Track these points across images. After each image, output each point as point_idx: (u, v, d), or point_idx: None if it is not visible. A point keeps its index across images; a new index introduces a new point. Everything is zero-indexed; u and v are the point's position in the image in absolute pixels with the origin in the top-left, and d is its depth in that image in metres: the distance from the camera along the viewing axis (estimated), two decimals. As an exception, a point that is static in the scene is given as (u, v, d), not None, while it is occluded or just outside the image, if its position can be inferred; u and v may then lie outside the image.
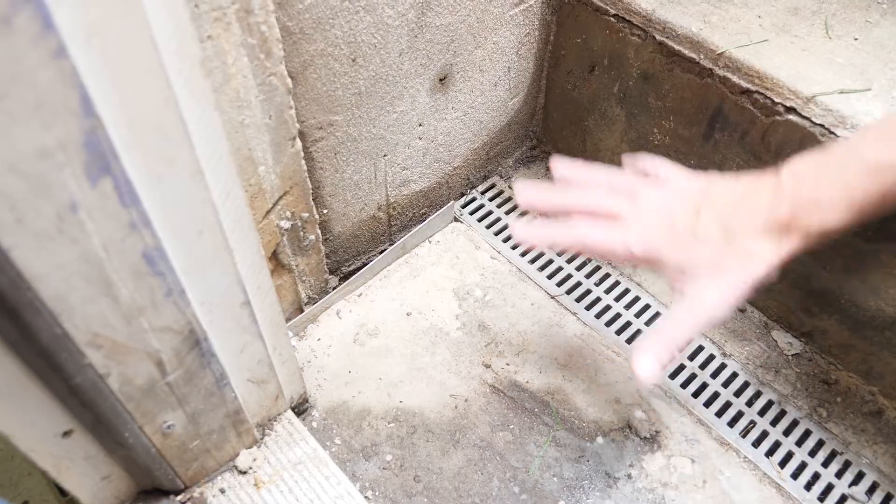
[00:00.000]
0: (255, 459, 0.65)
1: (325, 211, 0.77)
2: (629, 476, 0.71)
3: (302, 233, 0.72)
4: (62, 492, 0.70)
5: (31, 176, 0.34)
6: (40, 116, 0.33)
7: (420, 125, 0.81)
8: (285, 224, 0.69)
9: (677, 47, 0.76)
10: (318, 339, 0.80)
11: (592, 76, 0.89)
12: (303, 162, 0.67)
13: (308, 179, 0.69)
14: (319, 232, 0.75)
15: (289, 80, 0.59)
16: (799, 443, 0.75)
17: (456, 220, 0.94)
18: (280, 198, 0.66)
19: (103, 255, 0.40)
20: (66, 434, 0.50)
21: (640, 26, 0.80)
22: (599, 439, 0.74)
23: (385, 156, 0.80)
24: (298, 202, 0.69)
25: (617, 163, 0.93)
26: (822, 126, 0.67)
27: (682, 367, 0.80)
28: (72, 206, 0.37)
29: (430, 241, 0.91)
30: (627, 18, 0.81)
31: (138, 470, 0.57)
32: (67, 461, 0.52)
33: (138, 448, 0.53)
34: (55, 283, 0.39)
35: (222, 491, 0.63)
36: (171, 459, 0.58)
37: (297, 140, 0.64)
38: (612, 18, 0.82)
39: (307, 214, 0.71)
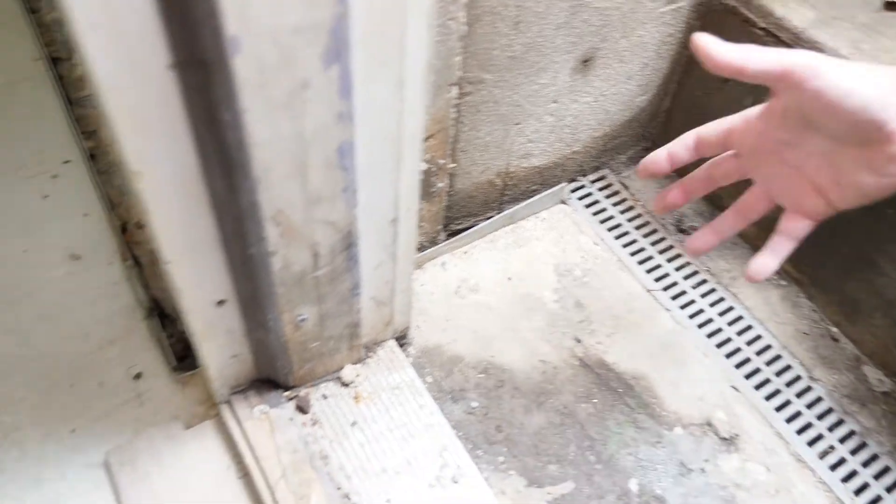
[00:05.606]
0: (357, 375, 0.69)
1: (453, 165, 0.81)
2: (703, 470, 0.73)
3: (433, 178, 0.76)
4: (177, 364, 0.75)
5: (283, 47, 0.39)
6: (308, -6, 0.37)
7: (554, 102, 0.85)
8: (423, 165, 0.73)
9: (825, 68, 0.77)
10: (423, 285, 0.84)
11: (726, 86, 0.90)
12: (452, 109, 0.70)
13: (451, 128, 0.73)
14: (448, 181, 0.79)
15: (464, 27, 0.63)
16: (877, 476, 0.75)
17: (563, 202, 0.97)
18: (426, 139, 0.70)
19: (310, 138, 0.44)
20: (221, 303, 0.54)
21: (788, 43, 0.81)
22: (678, 430, 0.75)
23: (517, 124, 0.83)
24: (439, 147, 0.73)
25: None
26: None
27: (767, 381, 0.81)
28: (303, 84, 0.41)
29: (537, 217, 0.94)
30: (776, 33, 0.82)
31: (263, 356, 0.62)
32: (213, 329, 0.56)
33: (273, 333, 0.58)
34: (268, 152, 0.43)
35: (324, 397, 0.67)
36: (292, 353, 0.62)
37: (455, 87, 0.68)
38: (759, 31, 0.84)
39: (443, 161, 0.75)
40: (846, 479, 0.74)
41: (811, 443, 0.77)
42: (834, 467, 0.75)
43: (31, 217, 0.90)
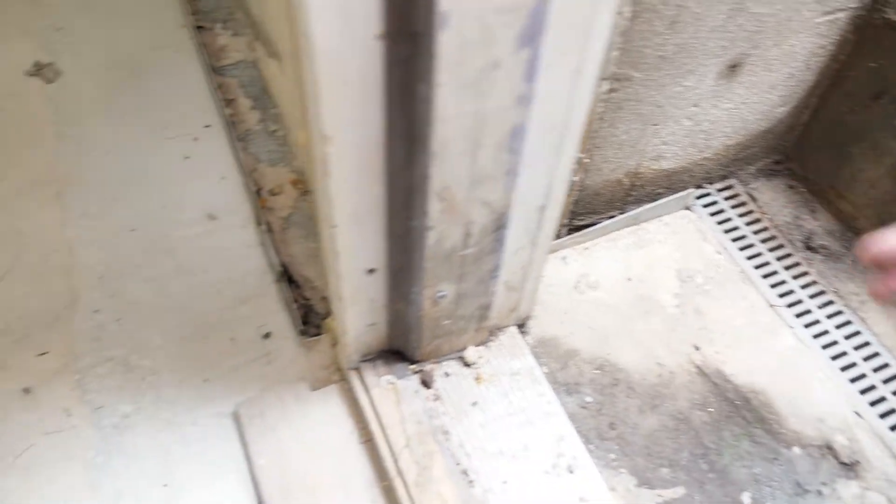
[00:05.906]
0: (480, 357, 0.70)
1: (587, 160, 0.81)
2: (820, 493, 0.71)
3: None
4: (303, 328, 0.78)
5: (485, 26, 0.40)
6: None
7: (695, 106, 0.83)
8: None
9: None
10: (543, 277, 0.84)
11: (876, 104, 0.87)
12: (600, 104, 0.70)
13: (595, 122, 0.73)
14: (581, 176, 0.79)
15: (626, 23, 0.63)
16: None
17: (687, 208, 0.95)
18: (569, 131, 0.71)
19: (488, 118, 0.45)
20: (371, 272, 0.57)
21: (954, 63, 0.77)
22: (796, 449, 0.73)
23: (655, 125, 0.82)
24: (580, 141, 0.73)
25: (873, 195, 0.90)
26: None
27: (893, 411, 0.78)
28: (494, 64, 0.42)
29: (660, 220, 0.93)
30: (941, 52, 0.78)
31: (397, 328, 0.64)
32: (359, 296, 0.59)
33: (413, 306, 0.60)
34: (449, 128, 0.45)
35: (447, 374, 0.69)
36: (425, 328, 0.64)
37: (606, 82, 0.68)
38: (921, 49, 0.80)
39: (581, 155, 0.75)
40: (976, 524, 0.71)
41: (939, 482, 0.73)
42: (963, 510, 0.71)
43: (172, 175, 0.96)
